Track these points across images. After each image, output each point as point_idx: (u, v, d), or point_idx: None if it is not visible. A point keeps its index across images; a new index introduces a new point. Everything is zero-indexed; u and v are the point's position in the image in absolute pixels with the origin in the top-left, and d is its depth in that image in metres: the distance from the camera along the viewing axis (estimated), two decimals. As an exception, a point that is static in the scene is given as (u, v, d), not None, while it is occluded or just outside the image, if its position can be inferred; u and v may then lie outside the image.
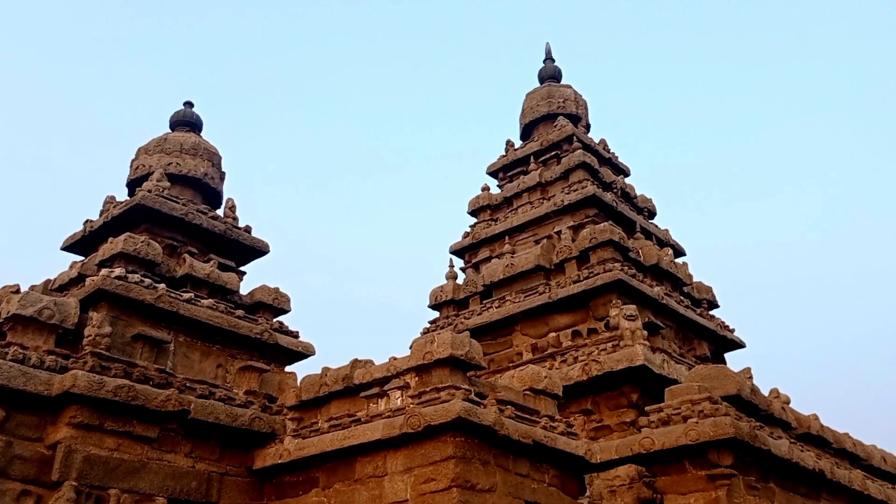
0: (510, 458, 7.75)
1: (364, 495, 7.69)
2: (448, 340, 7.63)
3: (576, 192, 13.32)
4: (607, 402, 11.05)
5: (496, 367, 12.15)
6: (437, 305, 14.09)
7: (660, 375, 10.60)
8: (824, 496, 9.60)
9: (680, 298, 13.07)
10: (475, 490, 7.19)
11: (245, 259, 11.06)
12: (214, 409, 8.30)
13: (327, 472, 8.13)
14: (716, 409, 8.03)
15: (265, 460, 8.51)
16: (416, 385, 7.80)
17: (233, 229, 10.74)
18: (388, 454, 7.64)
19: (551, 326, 12.39)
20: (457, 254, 14.86)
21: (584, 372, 10.90)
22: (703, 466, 7.94)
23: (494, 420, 7.35)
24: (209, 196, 11.33)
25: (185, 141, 11.32)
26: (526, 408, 8.27)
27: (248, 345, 9.73)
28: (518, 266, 13.01)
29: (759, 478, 8.43)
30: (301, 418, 8.71)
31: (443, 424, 7.12)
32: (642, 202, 14.75)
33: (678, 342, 12.80)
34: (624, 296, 11.79)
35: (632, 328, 10.98)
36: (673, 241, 14.52)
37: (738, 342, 13.89)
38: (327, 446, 7.97)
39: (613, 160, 15.05)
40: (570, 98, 15.37)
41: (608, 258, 12.15)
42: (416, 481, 7.31)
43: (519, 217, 14.02)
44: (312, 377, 8.75)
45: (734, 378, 8.88)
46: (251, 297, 10.36)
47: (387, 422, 7.59)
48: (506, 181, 15.11)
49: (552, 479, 8.24)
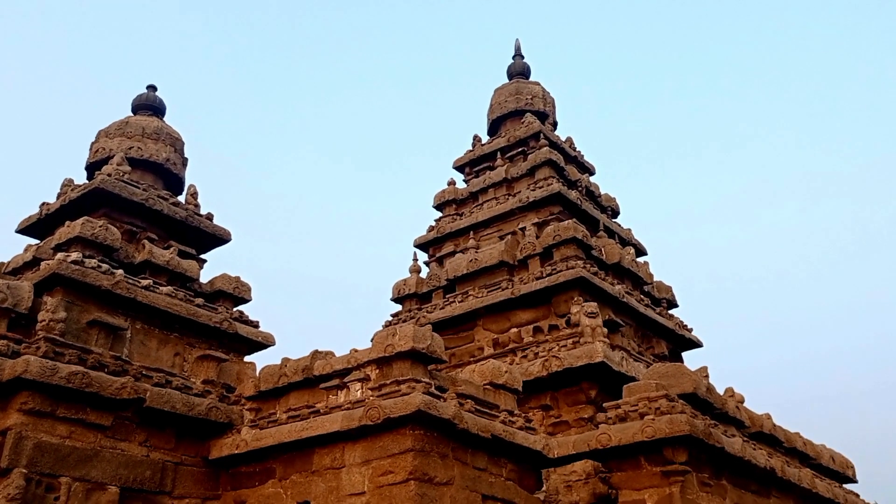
0: (468, 452, 7.78)
1: (321, 487, 7.66)
2: (410, 333, 7.62)
3: (541, 189, 13.39)
4: (566, 398, 11.15)
5: (457, 362, 12.18)
6: (399, 299, 14.07)
7: (618, 373, 10.72)
8: (774, 493, 9.81)
9: (640, 297, 13.22)
10: (433, 483, 7.20)
11: (206, 247, 10.92)
12: (171, 398, 8.19)
13: (284, 463, 8.08)
14: (672, 407, 8.14)
15: (222, 450, 8.43)
16: (376, 377, 7.78)
17: (194, 216, 10.59)
18: (346, 446, 7.62)
19: (513, 322, 12.45)
20: (421, 247, 14.84)
21: (545, 368, 10.97)
22: (659, 463, 8.05)
23: (454, 414, 7.37)
24: (171, 182, 11.16)
25: (148, 125, 11.13)
26: (486, 402, 8.30)
27: (207, 334, 9.61)
28: (482, 261, 13.05)
29: (712, 475, 8.58)
30: (259, 409, 8.64)
31: (402, 417, 7.12)
32: (606, 201, 14.89)
33: (637, 340, 12.96)
34: (586, 293, 11.89)
35: (592, 325, 11.08)
36: (635, 241, 14.68)
37: (696, 341, 14.10)
38: (285, 437, 7.91)
39: (579, 158, 15.16)
40: (538, 95, 15.44)
41: (571, 256, 12.24)
42: (373, 473, 7.31)
43: (484, 212, 14.05)
44: (272, 367, 8.69)
45: (691, 377, 9.01)
46: (211, 286, 10.23)
47: (346, 413, 7.56)
48: (472, 176, 15.13)
49: (509, 474, 8.30)
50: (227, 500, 8.47)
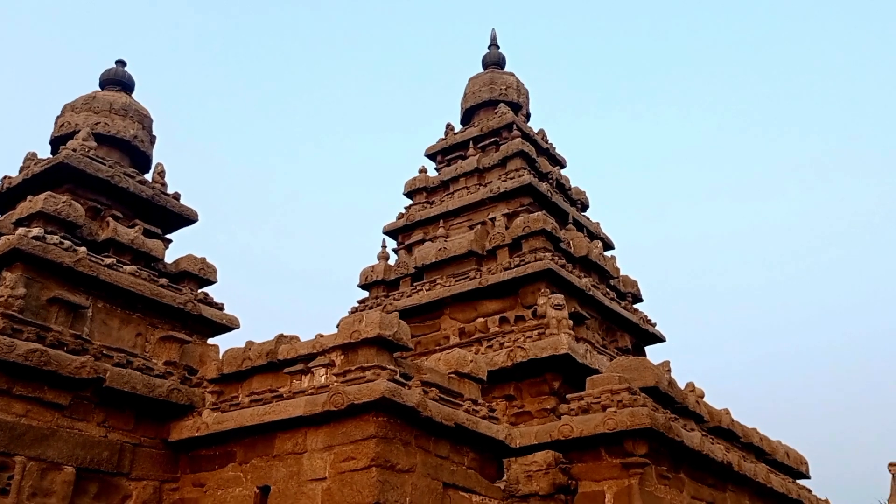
0: (431, 440, 7.79)
1: (282, 472, 7.62)
2: (376, 320, 7.60)
3: (512, 180, 13.41)
4: (530, 389, 11.22)
5: (423, 350, 12.18)
6: (366, 285, 14.02)
7: (582, 365, 10.81)
8: (730, 487, 9.98)
9: (606, 291, 13.33)
10: (395, 470, 7.21)
11: (172, 226, 10.77)
12: (131, 379, 8.08)
13: (245, 447, 8.02)
14: (634, 400, 8.23)
15: (182, 433, 8.34)
16: (341, 363, 7.75)
17: (161, 195, 10.43)
18: (308, 431, 7.59)
19: (480, 312, 12.48)
20: (390, 234, 14.80)
21: (510, 358, 11.02)
22: (619, 455, 8.14)
23: (418, 401, 7.37)
24: (138, 160, 10.97)
25: (116, 101, 10.91)
26: (450, 391, 8.32)
27: (171, 315, 9.49)
28: (451, 250, 13.05)
29: (670, 468, 8.70)
30: (221, 392, 8.56)
31: (366, 404, 7.11)
32: (576, 194, 14.96)
33: (602, 333, 13.08)
34: (553, 285, 11.96)
35: (558, 317, 11.15)
36: (603, 235, 14.79)
37: (659, 336, 14.27)
38: (247, 421, 7.86)
39: (551, 151, 15.21)
40: (513, 86, 15.44)
41: (540, 247, 12.29)
42: (335, 459, 7.29)
43: (455, 201, 14.04)
44: (235, 350, 8.61)
45: (653, 370, 9.12)
46: (176, 266, 10.10)
47: (309, 399, 7.52)
48: (443, 164, 15.10)
49: (471, 462, 8.33)
50: (186, 483, 8.39)
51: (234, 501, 7.85)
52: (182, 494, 8.36)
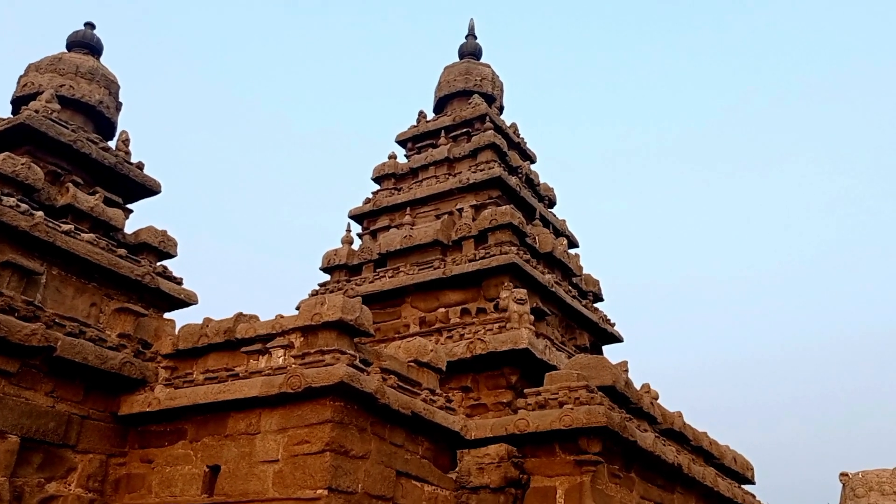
0: (387, 427, 7.75)
1: (234, 451, 7.51)
2: (339, 304, 7.52)
3: (482, 171, 13.39)
4: (487, 382, 11.23)
5: (382, 337, 12.12)
6: (329, 269, 13.89)
7: (541, 360, 10.85)
8: (679, 489, 10.12)
9: (568, 288, 13.40)
10: (348, 456, 7.15)
11: (134, 196, 10.52)
12: (83, 349, 7.88)
13: (197, 425, 7.89)
14: (591, 398, 8.28)
15: (132, 407, 8.18)
16: (300, 345, 7.66)
17: (124, 163, 10.18)
18: (263, 412, 7.49)
19: (442, 302, 12.45)
20: (355, 219, 14.67)
21: (469, 350, 11.02)
22: (573, 452, 8.19)
23: (377, 388, 7.32)
24: (102, 126, 10.69)
25: (82, 64, 10.61)
26: (409, 379, 8.28)
27: (128, 286, 9.28)
28: (416, 238, 12.98)
29: (622, 467, 8.78)
30: (176, 368, 8.41)
31: (324, 388, 7.03)
32: (544, 190, 15.00)
33: (561, 330, 13.15)
34: (516, 279, 11.97)
35: (520, 312, 11.17)
36: (569, 232, 14.86)
37: (618, 336, 14.41)
38: (200, 398, 7.73)
39: (522, 145, 15.21)
40: (488, 77, 15.40)
41: (505, 241, 12.30)
42: (289, 442, 7.20)
43: (423, 189, 13.97)
44: (192, 326, 8.46)
45: (611, 370, 9.18)
46: (136, 238, 9.88)
47: (266, 379, 7.42)
48: (414, 152, 15.01)
49: (425, 452, 8.31)
50: (134, 458, 8.23)
51: (183, 479, 7.72)
52: (129, 470, 8.20)
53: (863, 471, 5.56)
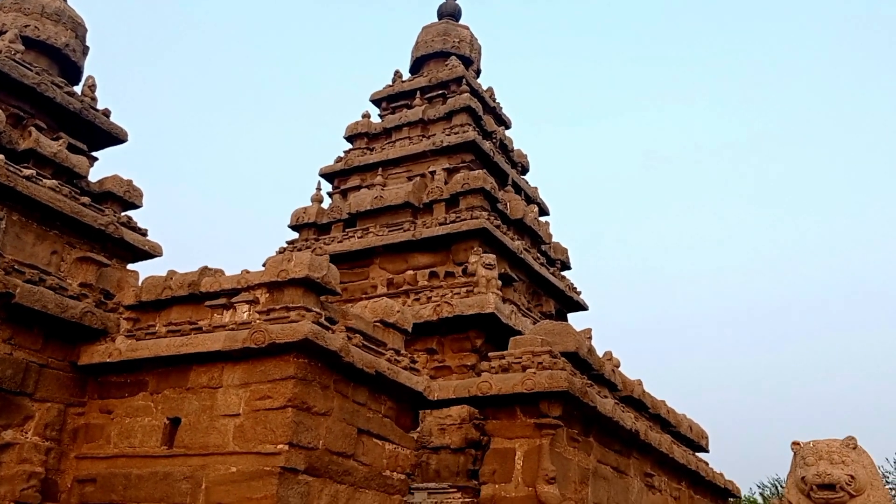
0: (350, 386, 7.76)
1: (195, 404, 7.48)
2: (306, 261, 7.46)
3: (456, 134, 13.32)
4: (452, 345, 11.31)
5: (349, 297, 12.10)
6: (297, 226, 13.80)
7: (507, 325, 10.94)
8: (635, 454, 10.32)
9: (537, 255, 13.47)
10: (311, 412, 7.16)
11: (99, 144, 10.29)
12: (43, 297, 7.74)
13: (158, 378, 7.83)
14: (554, 363, 8.36)
15: (92, 357, 8.08)
16: (265, 301, 7.61)
17: (89, 109, 9.92)
18: (225, 367, 7.45)
19: (410, 264, 12.45)
20: (326, 177, 14.55)
21: (436, 312, 11.07)
22: (534, 415, 8.28)
23: (341, 346, 7.31)
24: (68, 70, 10.39)
25: (49, 4, 10.26)
26: (374, 339, 8.28)
27: (90, 235, 9.11)
28: (387, 199, 12.92)
29: (581, 431, 8.91)
30: (138, 319, 8.31)
31: (288, 344, 7.01)
32: (518, 157, 14.98)
33: (528, 296, 13.24)
34: (486, 245, 12.00)
35: (488, 276, 11.22)
36: (540, 200, 14.89)
37: (583, 304, 14.55)
38: (162, 351, 7.66)
39: (497, 110, 15.14)
40: (466, 40, 15.24)
41: (477, 206, 12.29)
42: (251, 397, 7.19)
43: (396, 150, 13.87)
44: (156, 278, 8.35)
45: (575, 336, 9.28)
46: (100, 186, 9.68)
47: (230, 334, 7.37)
48: (388, 112, 14.87)
49: (388, 411, 8.35)
50: (93, 408, 8.16)
51: (142, 431, 7.68)
52: (88, 420, 8.13)
53: (813, 440, 5.70)
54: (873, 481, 5.54)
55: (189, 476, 7.16)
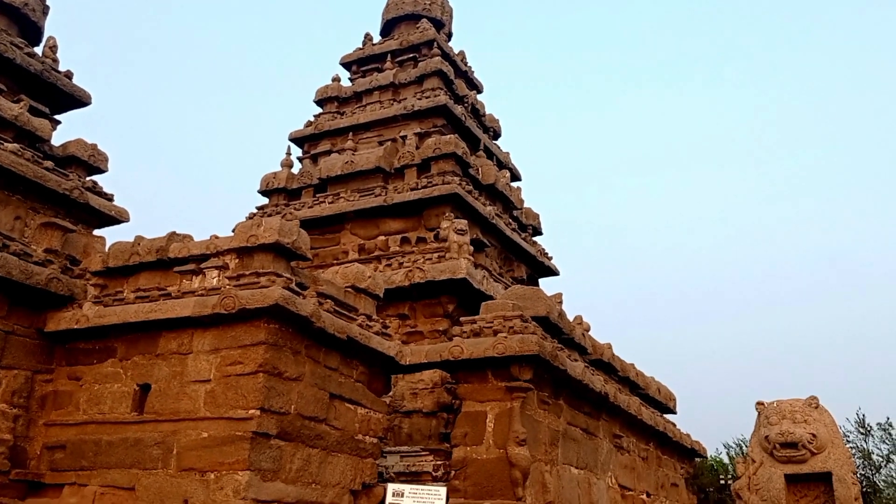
0: (322, 351, 7.76)
1: (165, 371, 7.43)
2: (276, 226, 7.40)
3: (427, 99, 13.20)
4: (424, 310, 11.33)
5: (320, 263, 12.05)
6: (267, 192, 13.65)
7: (478, 290, 10.97)
8: (604, 416, 10.49)
9: (508, 220, 13.48)
10: (282, 377, 7.15)
11: (62, 107, 10.05)
12: (7, 263, 7.60)
13: (127, 344, 7.76)
14: (525, 327, 8.42)
15: (59, 324, 7.98)
16: (235, 267, 7.54)
17: (51, 71, 9.67)
18: (195, 332, 7.40)
19: (382, 230, 12.40)
20: (296, 142, 14.38)
21: (407, 278, 11.06)
22: (505, 378, 8.36)
23: (312, 311, 7.29)
24: (27, 30, 10.08)
25: (5, -39, 9.92)
26: (345, 304, 8.27)
27: (55, 200, 8.93)
28: (358, 164, 12.82)
29: (551, 394, 9.03)
30: (105, 286, 8.20)
31: (258, 309, 6.97)
32: (490, 121, 14.90)
33: (499, 262, 13.28)
34: (457, 210, 11.98)
35: (460, 242, 11.21)
36: (512, 165, 14.86)
37: (554, 269, 14.64)
38: (131, 317, 7.58)
39: (469, 74, 15.02)
40: (437, 2, 15.04)
41: (448, 171, 12.24)
42: (221, 362, 7.16)
43: (366, 114, 13.73)
44: (123, 244, 8.23)
45: (546, 301, 9.34)
46: (64, 150, 9.47)
47: (199, 300, 7.31)
48: (358, 76, 14.68)
49: (360, 376, 8.38)
50: (61, 375, 8.08)
51: (112, 397, 7.63)
52: (56, 387, 8.05)
53: (777, 400, 5.83)
54: (834, 439, 5.70)
55: (160, 442, 7.14)
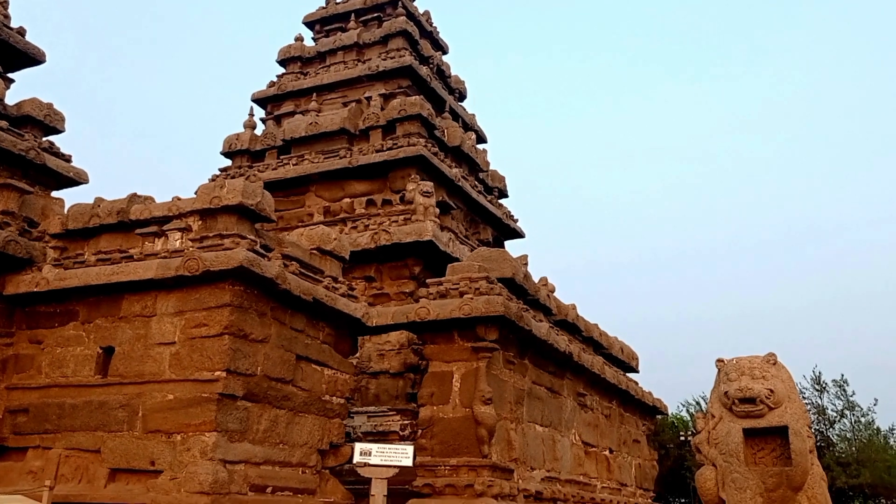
0: (288, 313, 7.74)
1: (128, 333, 7.36)
2: (239, 188, 7.31)
3: (392, 59, 13.05)
4: (390, 272, 11.34)
5: (285, 225, 11.96)
6: (230, 153, 13.45)
7: (444, 253, 11.00)
8: (568, 375, 10.66)
9: (475, 183, 13.48)
10: (248, 339, 7.13)
11: (15, 66, 9.74)
12: (-38, 226, 7.43)
13: (89, 307, 7.66)
14: (491, 289, 8.48)
15: (19, 287, 7.83)
16: (198, 229, 7.45)
17: (2, 28, 9.35)
18: (159, 295, 7.32)
19: (347, 192, 12.33)
20: (259, 103, 14.15)
21: (373, 240, 11.04)
22: (471, 339, 8.43)
23: (277, 273, 7.25)
24: (-25, -16, 9.72)
25: (-50, -89, 9.51)
26: (311, 266, 8.23)
27: (10, 161, 8.71)
28: (322, 126, 12.68)
29: (517, 354, 9.14)
30: (65, 248, 8.05)
31: (223, 271, 6.91)
32: (455, 83, 14.80)
33: (465, 224, 13.30)
34: (423, 172, 11.94)
35: (426, 204, 11.20)
36: (478, 127, 14.82)
37: (520, 232, 14.71)
38: (93, 280, 7.46)
39: (434, 34, 14.86)
40: (402, -39, 14.78)
41: (414, 132, 12.17)
42: (186, 325, 7.10)
43: (330, 75, 13.54)
44: (82, 206, 8.07)
45: (511, 263, 9.40)
46: (18, 110, 9.21)
47: (162, 262, 7.22)
48: (322, 35, 14.45)
49: (326, 337, 8.38)
50: (22, 338, 7.95)
51: (75, 360, 7.55)
52: (17, 350, 7.93)
53: (736, 357, 5.98)
54: (791, 395, 5.87)
55: (125, 404, 7.10)
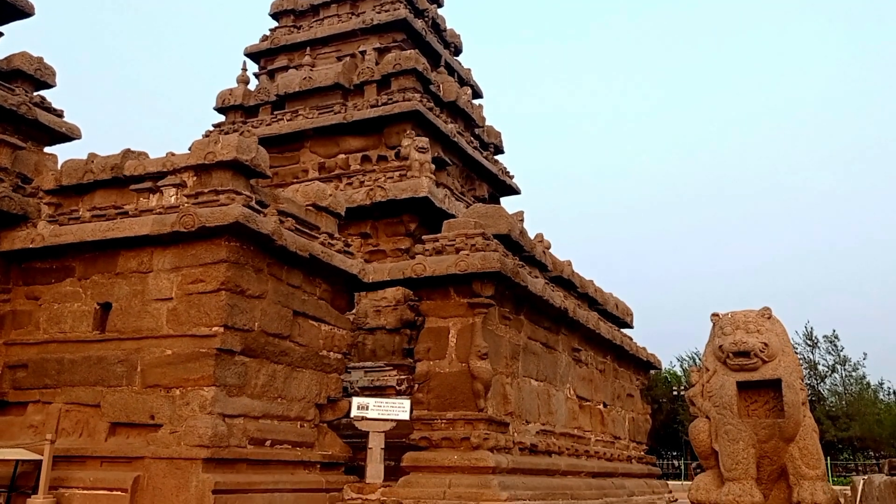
0: (284, 269, 7.76)
1: (125, 289, 7.37)
2: (234, 143, 7.26)
3: (387, 12, 12.87)
4: (386, 229, 11.33)
5: (280, 182, 11.90)
6: (224, 109, 13.32)
7: (440, 209, 10.99)
8: (563, 331, 10.73)
9: (470, 139, 13.40)
10: (244, 295, 7.15)
11: (2, 18, 9.56)
12: (-46, 182, 7.37)
13: (86, 263, 7.66)
14: (487, 245, 8.49)
15: (14, 243, 7.82)
16: (193, 185, 7.41)
17: (-11, -21, 9.16)
18: (155, 251, 7.32)
19: (342, 148, 12.25)
20: (252, 57, 13.97)
21: (369, 196, 11.01)
22: (467, 295, 8.47)
23: (273, 229, 7.24)
24: (-40, -67, 9.49)
25: None
26: (307, 222, 8.22)
27: (1, 116, 8.61)
28: (316, 80, 12.54)
29: (512, 309, 9.18)
30: (60, 204, 8.02)
31: (218, 227, 6.90)
32: (451, 37, 14.62)
33: (461, 180, 13.26)
34: (419, 127, 11.86)
35: (421, 160, 11.15)
36: (473, 82, 14.67)
37: (515, 188, 14.68)
38: (88, 236, 7.45)
39: (429, -13, 14.62)
40: (396, -90, 14.46)
41: (409, 87, 12.05)
42: (183, 281, 7.12)
43: (324, 29, 13.35)
44: (76, 162, 8.01)
45: (507, 219, 9.39)
46: (8, 64, 9.08)
47: (158, 218, 7.20)
48: (315, -13, 14.19)
49: (323, 293, 8.41)
50: (19, 295, 7.96)
51: (73, 316, 7.57)
52: (14, 306, 7.95)
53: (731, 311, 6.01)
54: (785, 348, 5.92)
55: (123, 360, 7.14)
